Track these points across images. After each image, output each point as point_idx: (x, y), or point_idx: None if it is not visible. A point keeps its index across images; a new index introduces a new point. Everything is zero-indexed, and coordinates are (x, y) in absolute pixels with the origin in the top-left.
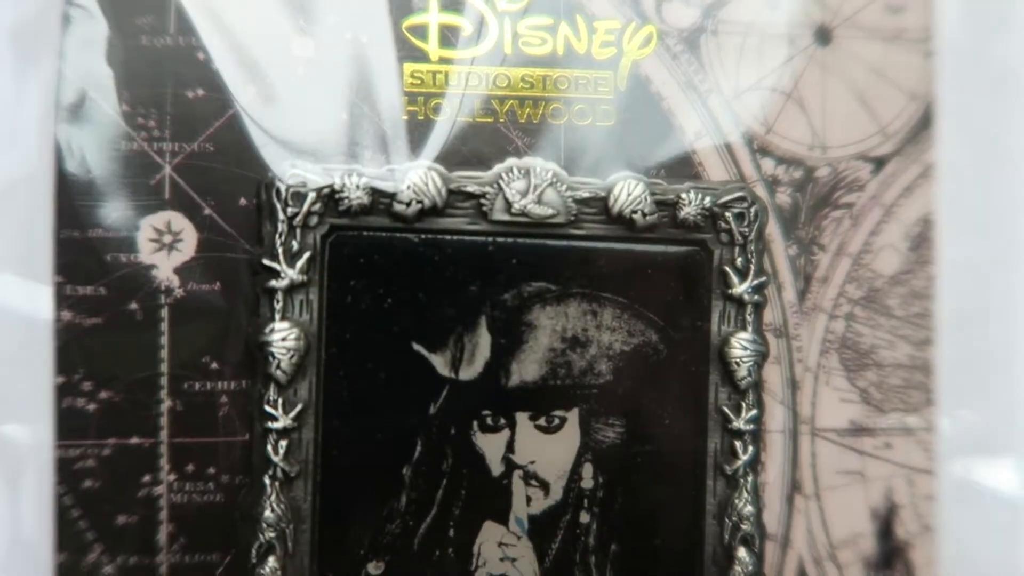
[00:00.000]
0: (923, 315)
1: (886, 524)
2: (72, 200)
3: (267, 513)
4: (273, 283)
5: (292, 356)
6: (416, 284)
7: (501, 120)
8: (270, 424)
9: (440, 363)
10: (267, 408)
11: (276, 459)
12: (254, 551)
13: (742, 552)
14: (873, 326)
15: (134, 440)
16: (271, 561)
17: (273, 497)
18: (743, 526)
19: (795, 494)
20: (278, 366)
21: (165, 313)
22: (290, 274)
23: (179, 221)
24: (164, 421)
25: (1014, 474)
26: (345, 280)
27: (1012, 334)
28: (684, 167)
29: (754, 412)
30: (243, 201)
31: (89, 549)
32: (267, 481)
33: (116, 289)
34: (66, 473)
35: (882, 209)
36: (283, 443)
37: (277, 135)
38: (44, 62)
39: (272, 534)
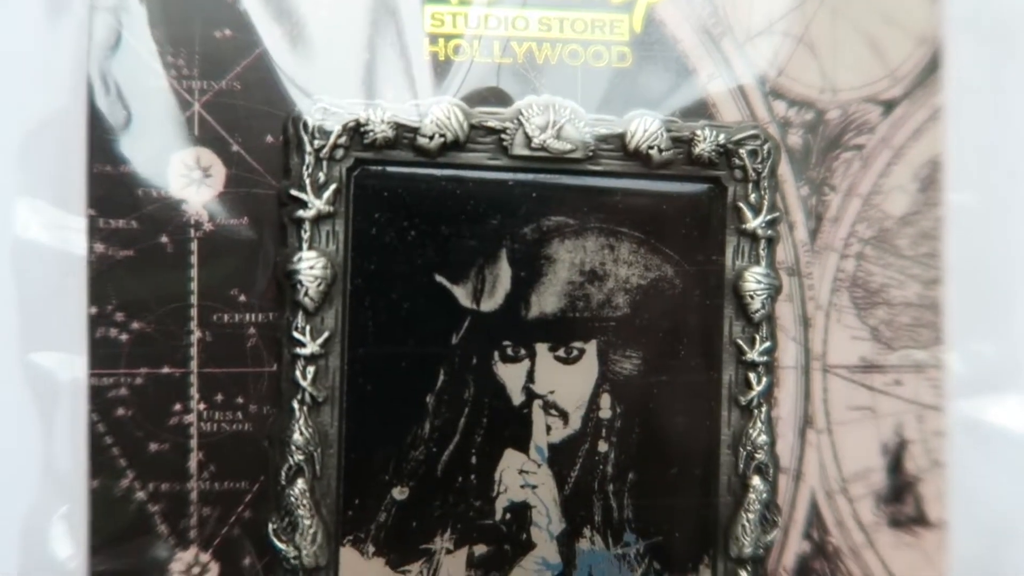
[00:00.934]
0: (932, 255)
1: (896, 459)
2: (104, 136)
3: (295, 436)
4: (300, 213)
5: (319, 284)
6: (438, 217)
7: (520, 61)
8: (298, 350)
9: (462, 294)
10: (295, 334)
11: (304, 384)
12: (283, 473)
13: (756, 480)
14: (883, 265)
15: (165, 370)
16: (300, 483)
17: (301, 421)
18: (757, 455)
19: (807, 428)
20: (306, 293)
21: (194, 246)
22: (317, 204)
23: (208, 157)
24: (194, 351)
25: (1020, 411)
26: (370, 213)
27: (1019, 274)
28: (698, 109)
29: (767, 344)
30: (269, 138)
31: (122, 475)
32: (295, 406)
33: (147, 223)
34: (99, 401)
35: (891, 151)
36: (310, 369)
37: (303, 74)
38: (77, 1)
39: (300, 457)
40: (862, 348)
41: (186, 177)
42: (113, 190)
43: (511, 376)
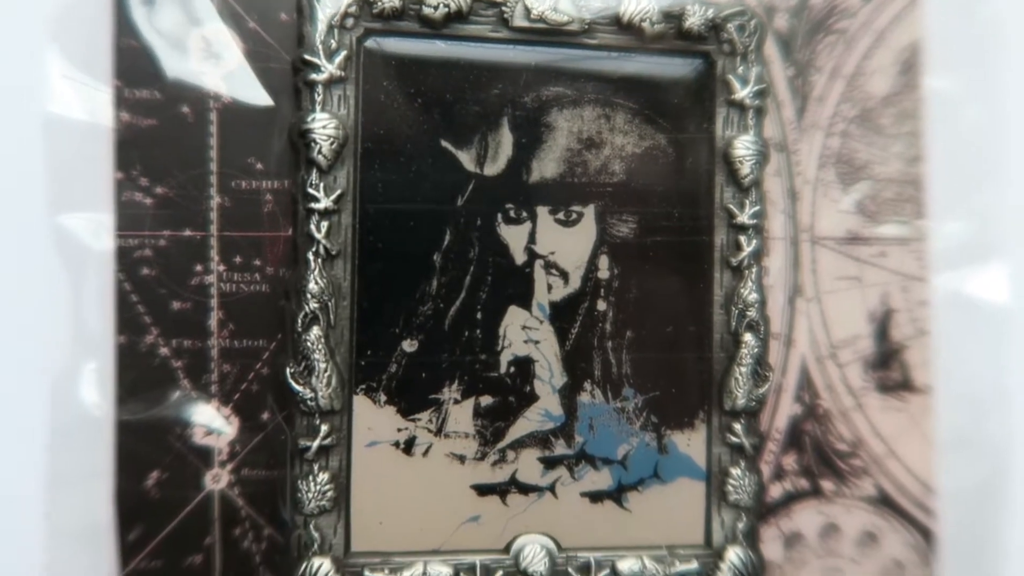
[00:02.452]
0: (913, 134)
1: (883, 327)
2: (129, 11)
3: (311, 286)
4: (313, 76)
5: (332, 143)
6: (443, 86)
7: None
8: (312, 205)
9: (466, 159)
10: (309, 190)
11: (318, 236)
12: (299, 321)
13: (748, 337)
14: (867, 143)
15: (187, 232)
16: (315, 330)
17: (316, 272)
18: (748, 313)
19: (797, 297)
20: (319, 151)
21: (214, 117)
22: (329, 68)
23: (226, 33)
24: (214, 216)
25: (1000, 282)
26: (378, 80)
27: (998, 150)
28: None
29: (757, 208)
30: (284, 16)
31: (147, 332)
32: (310, 257)
33: (170, 94)
34: (125, 262)
35: (873, 35)
36: (324, 224)
37: None
38: None
39: (316, 305)
40: (848, 221)
41: (206, 51)
42: (138, 63)
43: (514, 237)
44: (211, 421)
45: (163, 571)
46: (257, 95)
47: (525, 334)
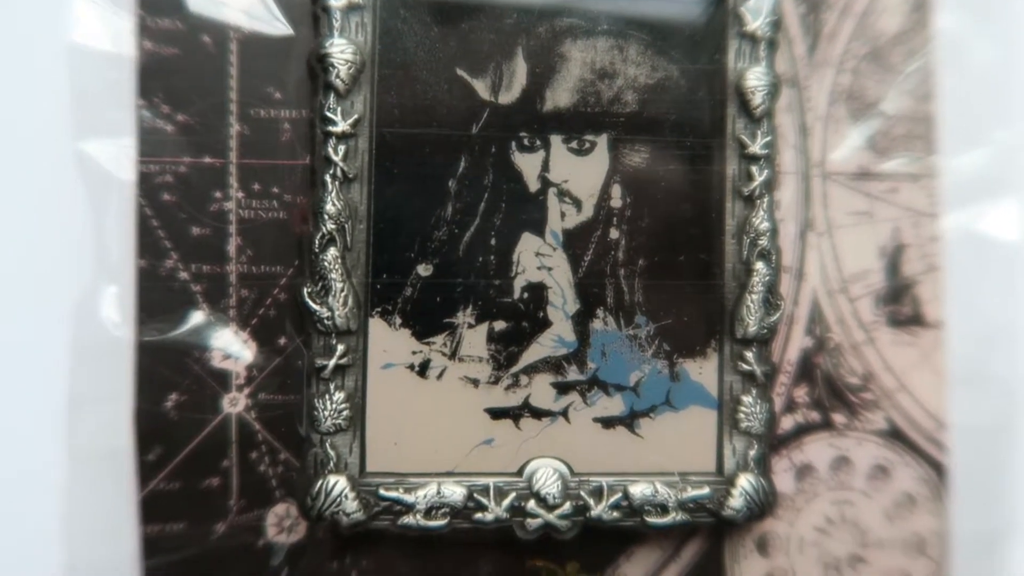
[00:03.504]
0: (924, 71)
1: (894, 262)
2: None
3: (328, 207)
4: (332, 2)
5: (349, 68)
6: (459, 15)
7: None
8: (330, 128)
9: (481, 88)
10: (327, 114)
11: (336, 159)
12: (316, 241)
13: (759, 265)
14: (878, 80)
15: (206, 160)
16: (332, 251)
17: (334, 194)
18: (760, 242)
19: (808, 231)
20: (337, 75)
21: (234, 47)
22: None
23: None
24: (233, 144)
25: (1011, 219)
26: (396, 8)
27: (1008, 88)
28: None
29: (768, 138)
30: None
31: (167, 256)
32: (327, 180)
33: (191, 23)
34: (146, 187)
35: None
36: (341, 147)
37: None
38: None
39: (333, 226)
40: (860, 157)
41: None
42: None
43: (527, 165)
44: (229, 345)
45: (181, 492)
46: (276, 25)
47: (538, 261)
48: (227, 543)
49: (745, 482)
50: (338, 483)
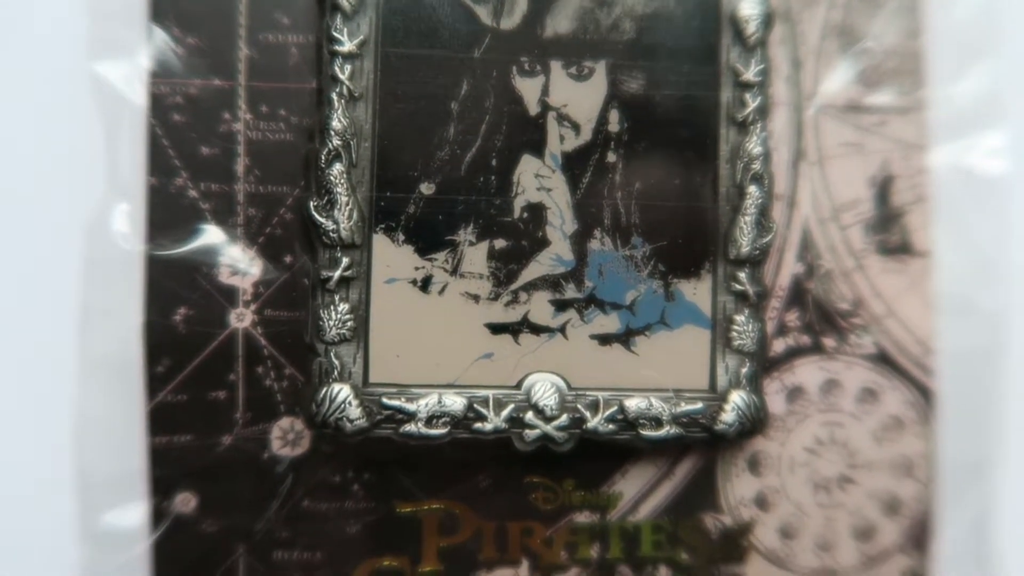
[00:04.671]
0: (912, 6)
1: (883, 192)
2: None
3: (334, 123)
4: None
5: None
6: None
7: None
8: (336, 48)
9: (483, 13)
10: (334, 34)
11: (342, 77)
12: (323, 156)
13: (752, 188)
14: (868, 16)
15: (216, 82)
16: (337, 166)
17: (340, 111)
18: (753, 166)
19: (800, 161)
20: None
21: None
22: None
23: None
24: (242, 67)
25: (999, 152)
26: None
27: (996, 24)
28: None
29: (762, 66)
30: None
31: (176, 175)
32: (334, 97)
33: None
34: (158, 108)
35: None
36: (347, 67)
37: None
38: None
39: (338, 142)
40: (850, 90)
41: None
42: None
43: (528, 89)
44: (236, 262)
45: (188, 404)
46: None
47: (538, 182)
48: (233, 455)
49: (737, 398)
50: (342, 391)
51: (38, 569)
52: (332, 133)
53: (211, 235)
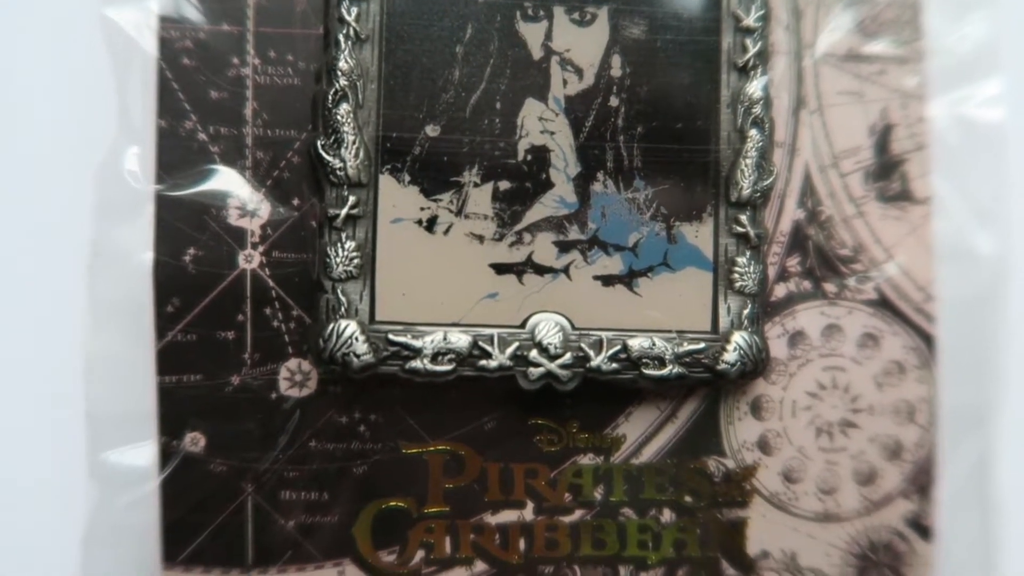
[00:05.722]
0: None
1: (882, 140)
2: None
3: (341, 64)
4: None
5: None
6: None
7: None
8: None
9: None
10: None
11: (349, 19)
12: (330, 96)
13: (753, 132)
14: None
15: (225, 27)
16: (344, 107)
17: (347, 52)
18: (754, 111)
19: (800, 109)
20: None
21: None
22: None
23: None
24: (250, 12)
25: (998, 101)
26: None
27: None
28: None
29: (762, 12)
30: None
31: (186, 118)
32: (341, 39)
33: None
34: (167, 52)
35: None
36: (354, 8)
37: None
38: None
39: (345, 82)
40: (850, 39)
41: None
42: None
43: (531, 34)
44: (245, 204)
45: (197, 344)
46: None
47: (541, 125)
48: (241, 395)
49: (739, 338)
50: (349, 326)
51: (48, 507)
52: (339, 73)
53: (220, 177)
